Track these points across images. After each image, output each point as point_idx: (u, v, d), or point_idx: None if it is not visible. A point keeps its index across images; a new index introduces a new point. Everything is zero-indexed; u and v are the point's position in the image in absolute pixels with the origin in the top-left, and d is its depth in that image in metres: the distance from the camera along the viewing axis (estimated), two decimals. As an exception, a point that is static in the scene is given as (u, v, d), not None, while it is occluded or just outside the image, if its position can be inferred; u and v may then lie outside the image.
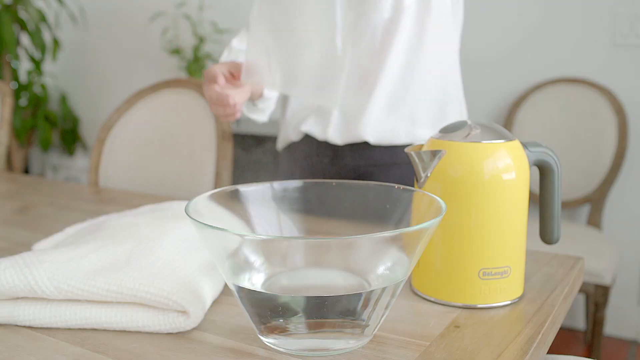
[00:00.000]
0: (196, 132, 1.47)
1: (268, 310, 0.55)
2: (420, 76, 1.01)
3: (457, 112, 1.06)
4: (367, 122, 1.01)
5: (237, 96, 0.94)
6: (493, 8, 2.26)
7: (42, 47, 3.01)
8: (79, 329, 0.62)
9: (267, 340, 0.58)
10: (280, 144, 1.16)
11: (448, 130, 0.69)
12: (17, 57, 2.98)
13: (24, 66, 3.28)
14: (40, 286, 0.61)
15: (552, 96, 2.18)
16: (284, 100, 1.14)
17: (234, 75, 0.97)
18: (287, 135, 1.12)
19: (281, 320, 0.55)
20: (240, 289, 0.56)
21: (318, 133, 1.06)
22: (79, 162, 3.35)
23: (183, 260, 0.67)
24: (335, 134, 1.04)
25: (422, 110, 1.03)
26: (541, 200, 0.72)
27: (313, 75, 0.97)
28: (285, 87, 0.99)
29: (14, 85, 3.07)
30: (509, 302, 0.68)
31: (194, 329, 0.62)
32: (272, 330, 0.56)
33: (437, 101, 1.03)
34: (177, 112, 1.52)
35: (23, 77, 3.24)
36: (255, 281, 0.57)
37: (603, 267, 1.76)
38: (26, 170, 3.39)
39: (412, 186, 0.68)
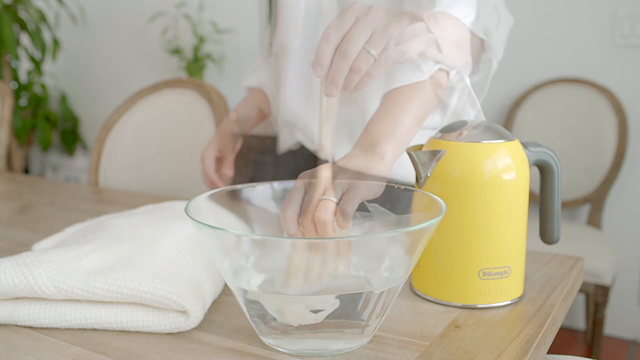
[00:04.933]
0: (196, 132, 1.47)
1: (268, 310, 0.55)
2: None
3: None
4: None
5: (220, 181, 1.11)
6: (493, 8, 2.26)
7: (42, 47, 3.01)
8: (79, 329, 0.62)
9: (267, 340, 0.58)
10: (280, 149, 1.17)
11: (448, 130, 0.69)
12: (17, 57, 2.98)
13: (24, 66, 3.28)
14: (40, 286, 0.61)
15: (552, 96, 2.18)
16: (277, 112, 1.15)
17: (222, 155, 1.11)
18: (285, 141, 1.13)
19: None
20: (240, 290, 0.56)
21: (309, 145, 1.06)
22: (79, 162, 3.35)
23: (183, 260, 0.67)
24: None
25: None
26: (541, 200, 0.72)
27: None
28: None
29: (14, 85, 3.06)
30: (509, 302, 0.68)
31: (194, 329, 0.62)
32: (272, 330, 0.56)
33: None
34: (177, 112, 1.52)
35: (23, 77, 3.24)
36: (254, 281, 0.57)
37: (603, 267, 1.76)
38: (26, 170, 3.39)
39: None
